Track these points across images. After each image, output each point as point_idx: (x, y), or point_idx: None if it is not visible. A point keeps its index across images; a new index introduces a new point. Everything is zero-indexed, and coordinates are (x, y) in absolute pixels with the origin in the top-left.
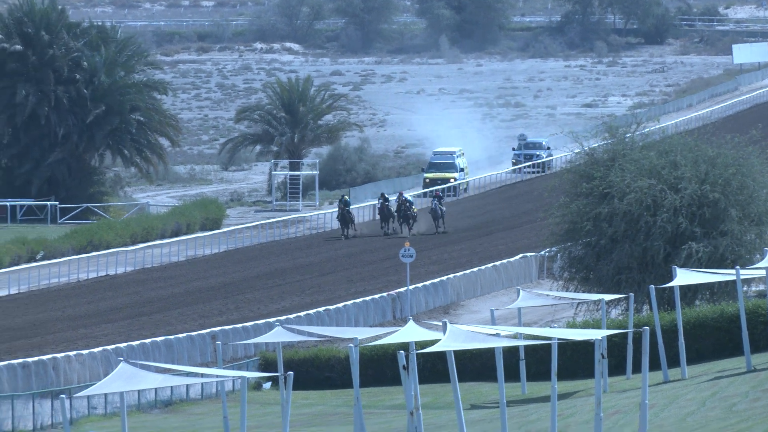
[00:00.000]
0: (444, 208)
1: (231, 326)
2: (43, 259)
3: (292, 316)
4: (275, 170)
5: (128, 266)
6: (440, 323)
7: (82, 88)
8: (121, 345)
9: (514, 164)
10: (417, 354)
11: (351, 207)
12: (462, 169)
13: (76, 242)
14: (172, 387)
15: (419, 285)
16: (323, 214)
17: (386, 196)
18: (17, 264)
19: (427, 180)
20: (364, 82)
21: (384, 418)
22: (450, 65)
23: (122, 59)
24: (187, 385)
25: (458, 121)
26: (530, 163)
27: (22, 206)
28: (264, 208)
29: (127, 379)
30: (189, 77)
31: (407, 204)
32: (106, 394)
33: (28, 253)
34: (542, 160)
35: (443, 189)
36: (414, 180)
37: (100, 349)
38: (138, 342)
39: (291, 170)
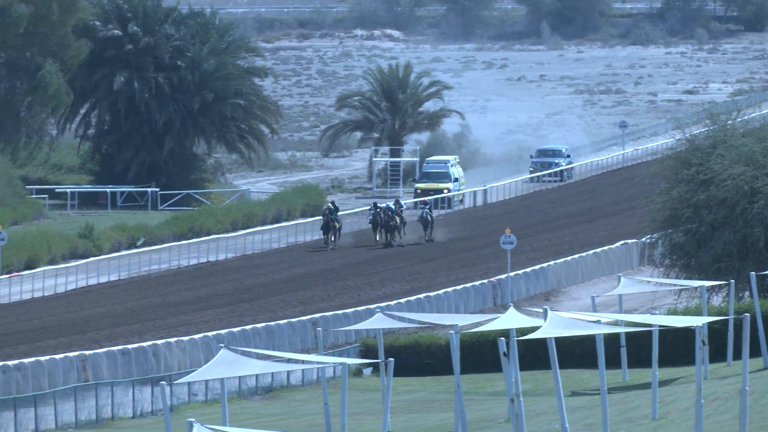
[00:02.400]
0: (433, 216)
1: (332, 313)
2: (143, 245)
3: (392, 302)
4: (376, 157)
5: (229, 253)
6: (541, 310)
7: (184, 75)
8: (222, 331)
9: (531, 173)
10: (518, 341)
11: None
12: (457, 179)
13: (176, 229)
14: (272, 373)
15: (520, 272)
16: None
17: (378, 204)
18: (117, 250)
19: (419, 191)
20: (465, 69)
21: (484, 405)
22: (551, 52)
23: (224, 46)
24: (288, 372)
25: (559, 108)
26: (549, 171)
27: (122, 193)
28: (364, 194)
29: (227, 366)
30: (290, 64)
31: (389, 213)
32: (206, 381)
33: (129, 240)
34: (561, 168)
35: (443, 198)
36: (514, 166)
37: (200, 335)
38: (239, 328)
39: (391, 157)
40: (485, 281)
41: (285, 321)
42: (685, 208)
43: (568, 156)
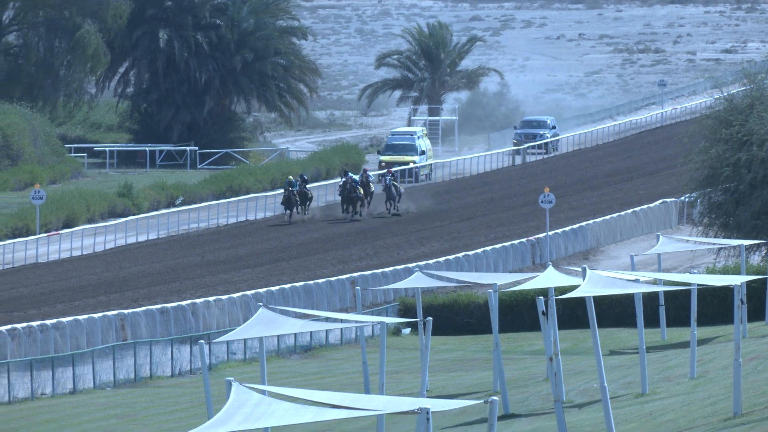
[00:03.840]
0: (400, 187)
1: (370, 272)
2: (182, 204)
3: (431, 261)
4: (414, 115)
5: (268, 212)
6: (579, 269)
7: (224, 34)
8: (261, 290)
9: (515, 144)
10: (556, 300)
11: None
12: (423, 152)
13: (215, 187)
14: (311, 332)
15: (559, 231)
16: (462, 160)
17: (349, 173)
18: (156, 209)
19: (383, 164)
20: (504, 28)
21: (523, 364)
22: (590, 11)
23: (263, 5)
24: (327, 331)
25: (597, 67)
26: (533, 143)
27: (161, 151)
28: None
29: (266, 325)
30: (328, 23)
31: (353, 184)
32: (245, 340)
33: (168, 199)
34: (547, 140)
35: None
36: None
37: (239, 294)
38: (277, 287)
39: (430, 115)
40: (524, 240)
41: (324, 280)
42: (724, 167)
43: (554, 127)
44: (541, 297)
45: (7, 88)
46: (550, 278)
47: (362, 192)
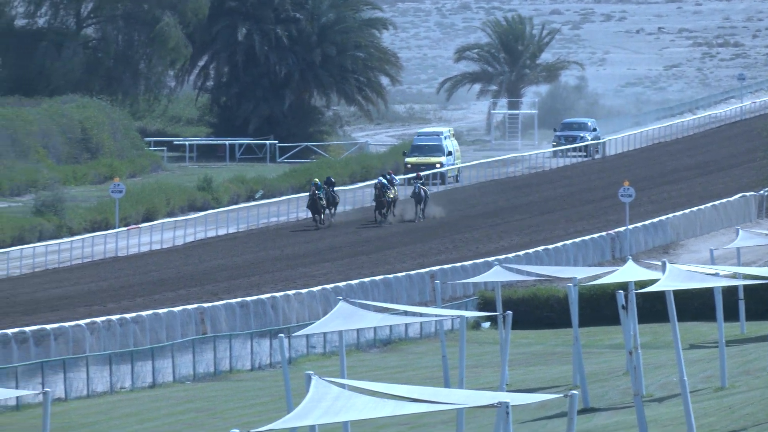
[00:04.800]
0: (427, 191)
1: (450, 265)
2: (262, 198)
3: (510, 255)
4: (494, 109)
5: (347, 205)
6: (659, 263)
7: (304, 27)
8: (340, 284)
9: (554, 146)
10: (636, 293)
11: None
12: (451, 153)
13: (294, 181)
14: (390, 326)
15: (638, 224)
16: (541, 154)
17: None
18: (236, 203)
19: (409, 165)
20: (584, 21)
21: (603, 358)
22: (669, 4)
23: None
24: (406, 325)
25: (677, 61)
26: (573, 146)
27: (240, 145)
28: (483, 147)
29: (346, 318)
30: (408, 16)
31: (381, 188)
32: (324, 333)
33: (247, 192)
34: (587, 143)
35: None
36: (633, 119)
37: (319, 288)
38: (357, 281)
39: (510, 109)
40: (604, 234)
41: (403, 273)
42: None
43: (595, 129)
44: (621, 291)
45: (87, 82)
46: (630, 272)
47: (391, 197)
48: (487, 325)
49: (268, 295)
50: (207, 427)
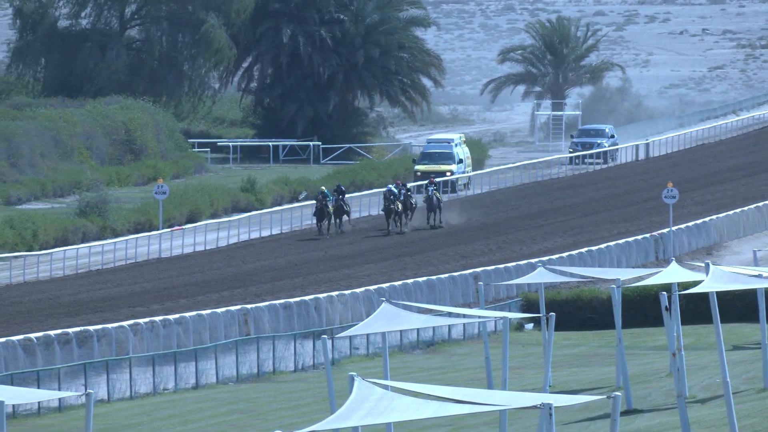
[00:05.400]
0: (441, 198)
1: (493, 267)
2: (305, 199)
3: (554, 256)
4: (538, 110)
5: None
6: (703, 264)
7: (348, 28)
8: (384, 285)
9: (571, 153)
10: (679, 295)
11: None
12: (461, 160)
13: (338, 182)
14: (434, 327)
15: (682, 226)
16: (584, 156)
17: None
18: (279, 204)
19: (419, 173)
20: (627, 23)
21: (646, 359)
22: (713, 6)
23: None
24: (449, 326)
25: (721, 62)
26: (590, 152)
27: (284, 147)
28: (526, 148)
29: (389, 320)
30: (452, 17)
31: (390, 197)
32: (368, 335)
33: (291, 194)
34: (605, 149)
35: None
36: (676, 120)
37: (362, 289)
38: (400, 282)
39: (553, 110)
40: (647, 235)
41: (446, 275)
42: None
43: (612, 136)
44: (665, 292)
45: (131, 83)
46: (673, 274)
47: (401, 206)
48: (530, 326)
49: (312, 296)
50: (250, 429)
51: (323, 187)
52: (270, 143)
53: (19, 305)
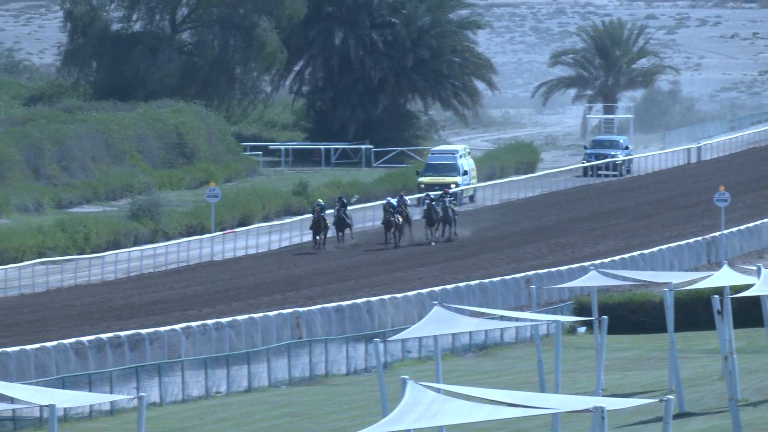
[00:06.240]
0: (456, 209)
1: (545, 270)
2: (357, 202)
3: (606, 260)
4: (589, 114)
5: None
6: (755, 267)
7: (399, 32)
8: (436, 288)
9: (584, 164)
10: (731, 298)
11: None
12: (466, 172)
13: (390, 185)
14: (486, 331)
15: (734, 229)
16: (637, 159)
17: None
18: (332, 207)
19: (422, 185)
20: (678, 26)
21: (698, 363)
22: (763, 9)
23: (439, 1)
24: (501, 329)
25: None
26: (603, 161)
27: (336, 150)
28: (578, 151)
29: (441, 323)
30: (503, 21)
31: (390, 209)
32: (420, 338)
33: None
34: (618, 159)
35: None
36: (728, 124)
37: (414, 292)
38: (452, 285)
39: (605, 113)
40: (699, 239)
41: (499, 278)
42: None
43: (627, 147)
44: (717, 296)
45: (182, 87)
46: (725, 277)
47: (401, 219)
48: (582, 329)
49: (364, 299)
50: None
51: (320, 200)
52: (322, 146)
53: (71, 308)
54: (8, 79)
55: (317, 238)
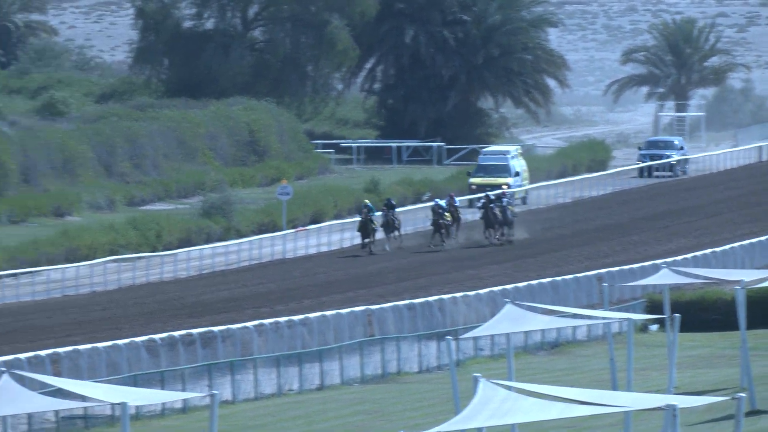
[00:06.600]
0: (514, 210)
1: (617, 268)
2: (429, 200)
3: (678, 257)
4: (661, 111)
5: (516, 207)
6: None
7: (470, 29)
8: (508, 286)
9: (639, 165)
10: None
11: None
12: (518, 173)
13: (462, 183)
14: (558, 329)
15: None
16: (709, 156)
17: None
18: (403, 205)
19: (474, 186)
20: (750, 24)
21: None
22: None
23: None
24: (574, 327)
25: None
26: (658, 162)
27: (407, 147)
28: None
29: (513, 321)
30: (575, 18)
31: (439, 211)
32: (492, 336)
33: (414, 194)
34: (672, 160)
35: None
36: None
37: (486, 290)
38: (524, 283)
39: (677, 111)
40: None
41: (571, 276)
42: None
43: (681, 148)
44: None
45: (254, 84)
46: None
47: (450, 219)
48: (654, 327)
49: (436, 297)
50: (375, 430)
51: (367, 201)
52: (393, 144)
53: (143, 306)
54: (80, 76)
55: (365, 240)
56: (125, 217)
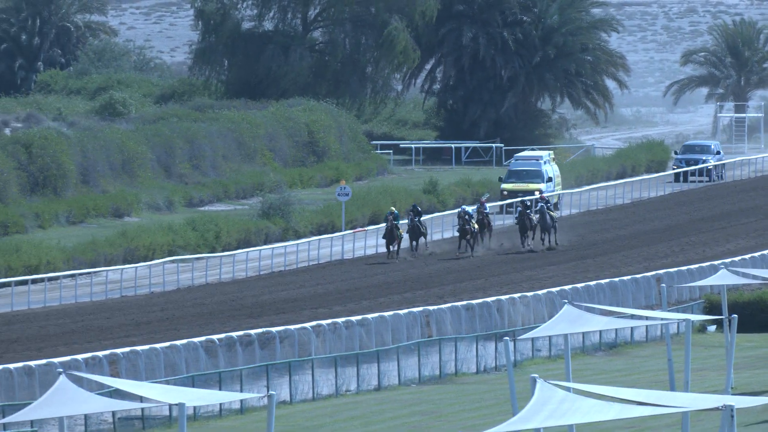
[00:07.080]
0: (554, 215)
1: (675, 269)
2: (488, 201)
3: (737, 258)
4: (720, 112)
5: (573, 208)
6: None
7: (528, 30)
8: (566, 287)
9: (674, 170)
10: None
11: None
12: (551, 179)
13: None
14: (616, 329)
15: None
16: (762, 158)
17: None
18: (460, 206)
19: (505, 192)
20: None
21: None
22: None
23: (569, 0)
24: (632, 328)
25: None
26: (695, 167)
27: (466, 148)
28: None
29: (571, 322)
30: (635, 19)
31: (465, 217)
32: (550, 337)
33: (473, 195)
34: (708, 165)
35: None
36: None
37: (544, 291)
38: (582, 284)
39: (736, 112)
40: None
41: (629, 277)
42: None
43: (718, 153)
44: None
45: (314, 85)
46: None
47: (476, 227)
48: (713, 328)
49: (494, 298)
50: (432, 430)
51: (393, 208)
52: (452, 145)
53: (202, 307)
54: (139, 77)
55: (390, 247)
56: (184, 218)
